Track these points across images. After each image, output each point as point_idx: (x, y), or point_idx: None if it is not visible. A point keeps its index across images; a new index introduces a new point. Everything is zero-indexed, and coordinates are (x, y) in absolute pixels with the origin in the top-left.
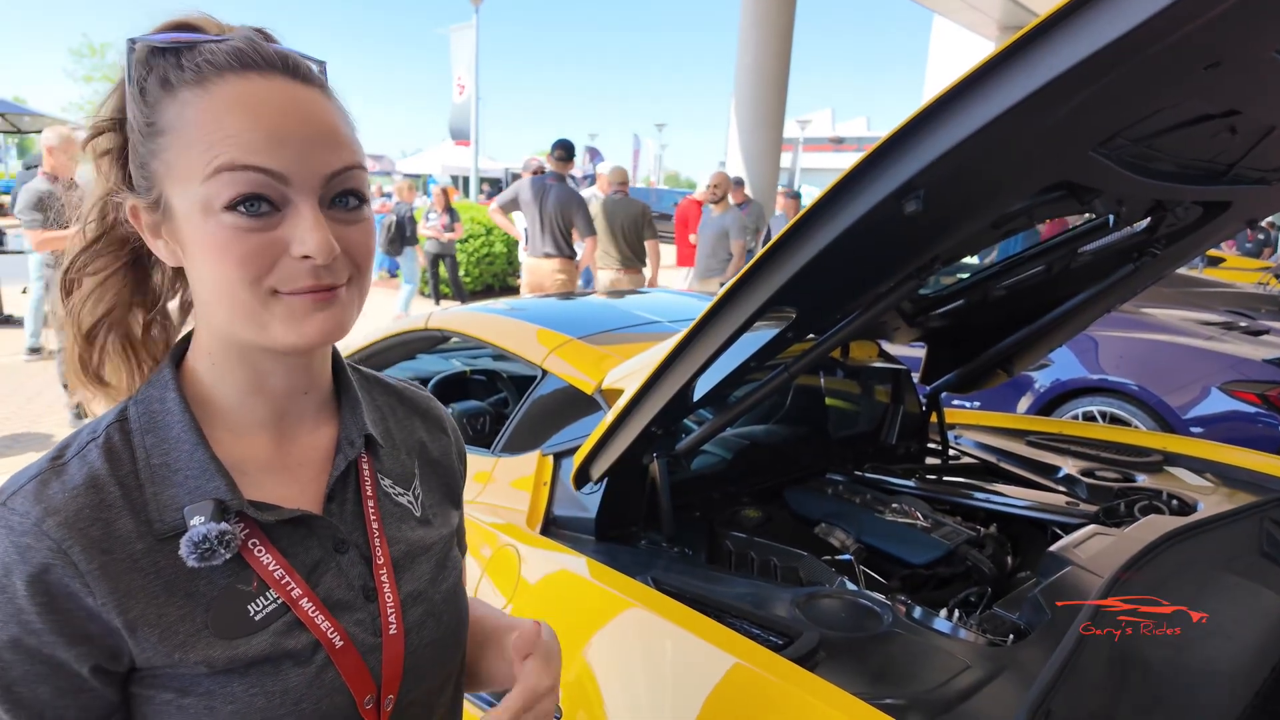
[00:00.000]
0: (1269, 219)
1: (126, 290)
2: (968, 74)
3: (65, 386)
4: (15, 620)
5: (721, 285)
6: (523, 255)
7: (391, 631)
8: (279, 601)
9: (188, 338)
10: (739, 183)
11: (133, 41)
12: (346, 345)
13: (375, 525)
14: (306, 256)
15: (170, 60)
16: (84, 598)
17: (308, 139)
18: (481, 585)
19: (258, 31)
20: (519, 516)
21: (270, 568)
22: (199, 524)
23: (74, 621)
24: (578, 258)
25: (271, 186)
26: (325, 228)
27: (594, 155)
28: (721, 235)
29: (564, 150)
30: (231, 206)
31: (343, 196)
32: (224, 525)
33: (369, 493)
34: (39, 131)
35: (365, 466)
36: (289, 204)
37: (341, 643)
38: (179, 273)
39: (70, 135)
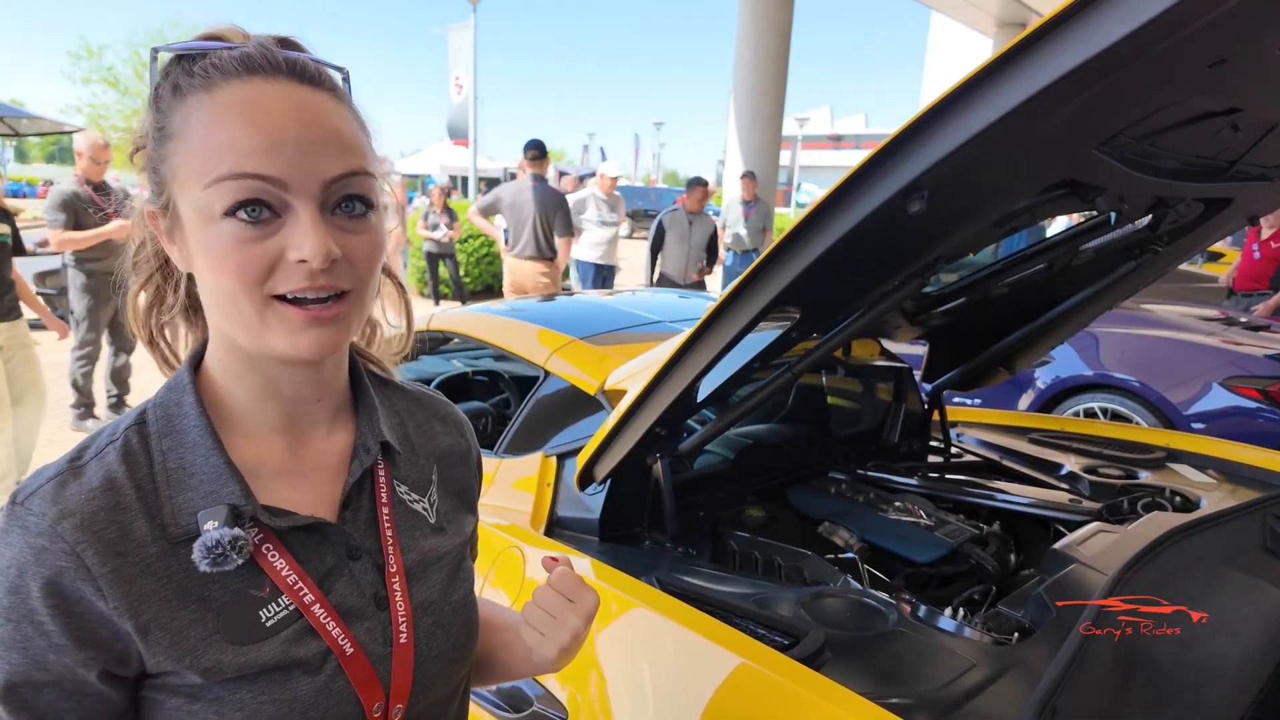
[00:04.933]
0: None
1: (162, 292)
2: (972, 74)
3: (74, 385)
4: (28, 620)
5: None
6: (505, 255)
7: (402, 640)
8: (291, 608)
9: (206, 340)
10: (750, 176)
11: (155, 51)
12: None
13: (389, 533)
14: (303, 260)
15: (183, 67)
16: (96, 601)
17: (307, 143)
18: (486, 587)
19: (282, 40)
20: (522, 518)
21: (283, 573)
22: (212, 529)
23: (85, 625)
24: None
25: (269, 192)
26: (323, 231)
27: (602, 156)
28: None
29: (537, 150)
30: (230, 213)
31: (347, 202)
32: (236, 530)
33: (384, 500)
34: (39, 135)
35: (381, 473)
36: (288, 209)
37: (352, 650)
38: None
39: (99, 141)
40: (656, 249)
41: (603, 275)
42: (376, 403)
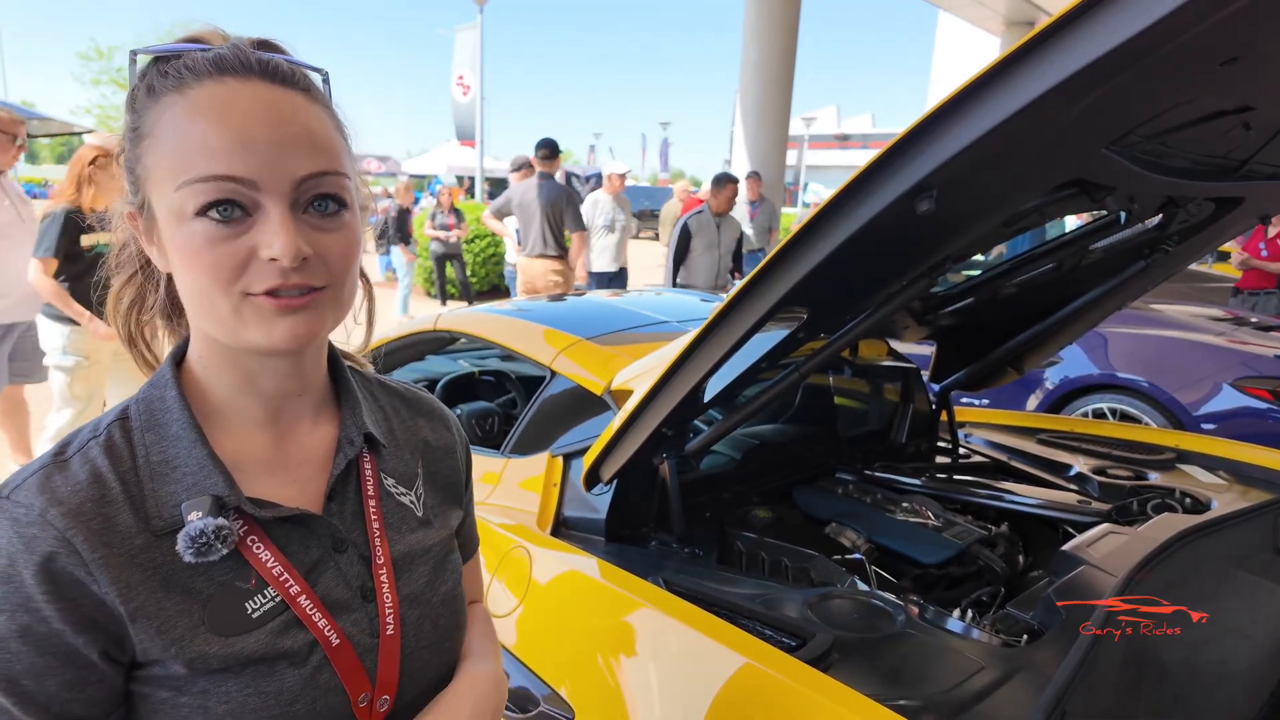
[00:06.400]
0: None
1: (142, 292)
2: (982, 72)
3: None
4: (24, 609)
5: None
6: (517, 255)
7: (389, 632)
8: (277, 599)
9: (188, 337)
10: (755, 175)
11: (134, 53)
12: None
13: (376, 525)
14: (274, 259)
15: (158, 69)
16: (89, 585)
17: (278, 143)
18: (492, 587)
19: (261, 41)
20: (529, 518)
21: (269, 565)
22: (196, 519)
23: (81, 608)
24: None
25: (240, 192)
26: (292, 230)
27: (611, 155)
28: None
29: (548, 149)
30: (202, 212)
31: (320, 201)
32: (220, 520)
33: (370, 492)
34: (48, 136)
35: (367, 465)
36: (259, 208)
37: (338, 641)
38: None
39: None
40: (681, 257)
41: (609, 280)
42: (360, 396)
